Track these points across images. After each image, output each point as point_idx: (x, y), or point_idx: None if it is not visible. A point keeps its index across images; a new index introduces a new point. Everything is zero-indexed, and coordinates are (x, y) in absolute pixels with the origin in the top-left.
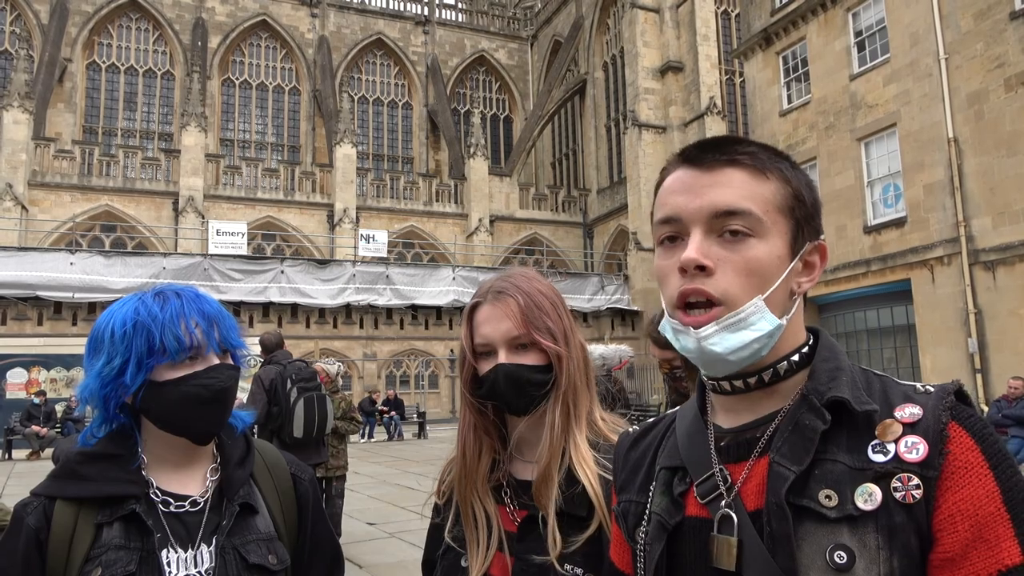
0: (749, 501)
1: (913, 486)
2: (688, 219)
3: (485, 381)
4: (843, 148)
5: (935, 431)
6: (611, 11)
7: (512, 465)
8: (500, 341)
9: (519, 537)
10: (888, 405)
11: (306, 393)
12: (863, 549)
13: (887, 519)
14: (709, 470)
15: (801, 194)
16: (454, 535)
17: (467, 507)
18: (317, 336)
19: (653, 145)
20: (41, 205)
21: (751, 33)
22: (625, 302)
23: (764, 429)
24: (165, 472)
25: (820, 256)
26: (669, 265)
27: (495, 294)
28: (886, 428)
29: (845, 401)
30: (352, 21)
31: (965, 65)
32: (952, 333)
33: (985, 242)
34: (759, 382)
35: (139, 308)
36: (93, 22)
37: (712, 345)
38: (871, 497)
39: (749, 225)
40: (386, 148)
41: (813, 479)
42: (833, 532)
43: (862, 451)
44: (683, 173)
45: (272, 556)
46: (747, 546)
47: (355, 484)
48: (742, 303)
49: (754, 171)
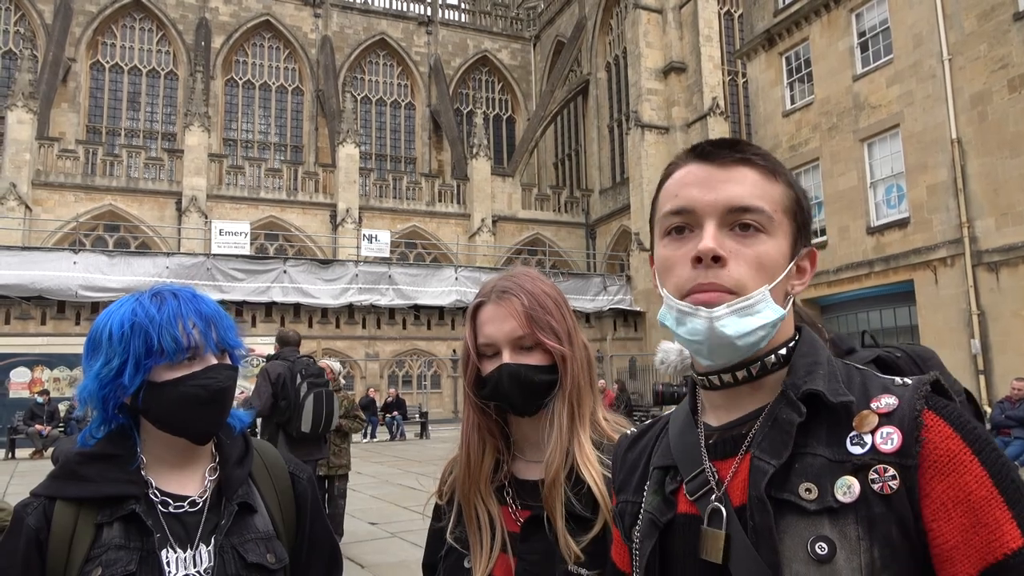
0: (735, 497)
1: (889, 477)
2: (702, 211)
3: (489, 381)
4: (846, 149)
5: (909, 419)
6: (614, 12)
7: (514, 465)
8: (504, 341)
9: (522, 537)
10: (866, 397)
11: (316, 388)
12: (843, 540)
13: (866, 510)
14: (698, 467)
15: (801, 201)
16: (456, 536)
17: (470, 508)
18: (320, 336)
19: (656, 146)
20: (45, 205)
21: (754, 34)
22: (628, 303)
23: (750, 426)
24: (164, 472)
25: (811, 262)
26: (678, 255)
27: (499, 293)
28: (863, 419)
29: (820, 393)
30: (355, 21)
31: (968, 66)
32: (955, 334)
33: (988, 243)
34: (747, 376)
35: (136, 309)
36: (97, 22)
37: (723, 327)
38: (850, 489)
39: (760, 221)
40: (389, 148)
41: (794, 472)
42: (814, 524)
43: (841, 444)
44: (696, 168)
45: (271, 555)
46: (735, 539)
47: (357, 484)
48: (752, 292)
49: (766, 172)
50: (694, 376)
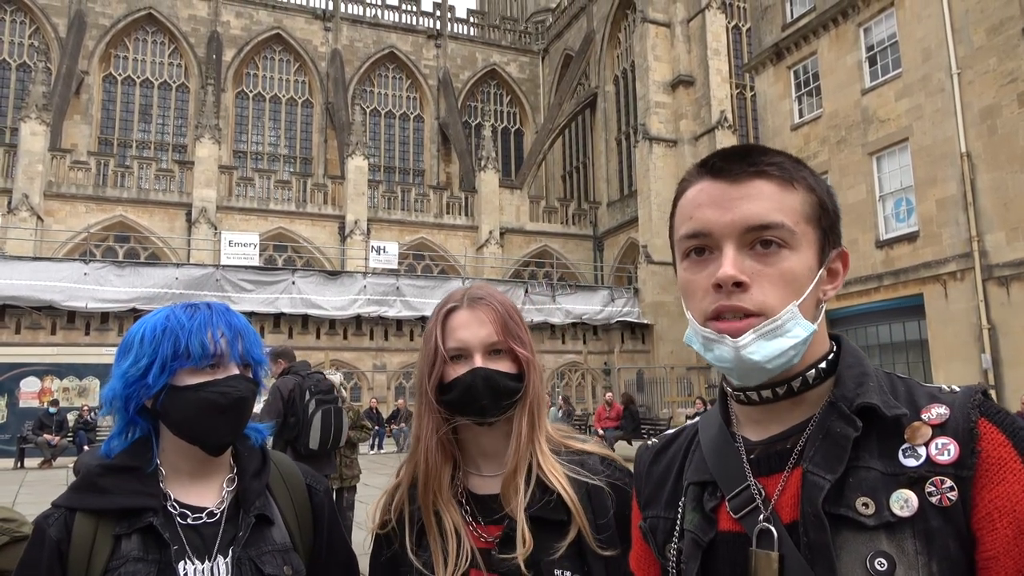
0: (785, 514)
1: (947, 488)
2: (719, 233)
3: (457, 385)
4: (855, 163)
5: (965, 430)
6: (622, 25)
7: (469, 481)
8: (478, 346)
9: (500, 551)
10: (915, 407)
11: (324, 405)
12: (902, 555)
13: (924, 524)
14: (742, 484)
15: (825, 203)
16: (424, 560)
17: (430, 517)
18: (327, 347)
19: (664, 159)
20: (56, 215)
21: (762, 47)
22: (635, 315)
23: (795, 440)
24: (182, 483)
25: (843, 263)
26: (699, 280)
27: (473, 300)
28: (915, 431)
29: (875, 407)
30: (365, 35)
31: (978, 80)
32: (965, 348)
33: (999, 257)
34: (788, 391)
35: (170, 316)
36: (110, 35)
37: (750, 354)
38: (907, 503)
39: (781, 237)
40: (397, 160)
41: (848, 487)
42: (872, 540)
43: (893, 456)
44: (709, 185)
45: (287, 567)
46: (788, 559)
47: (366, 495)
48: (778, 312)
49: (782, 182)
50: (726, 389)
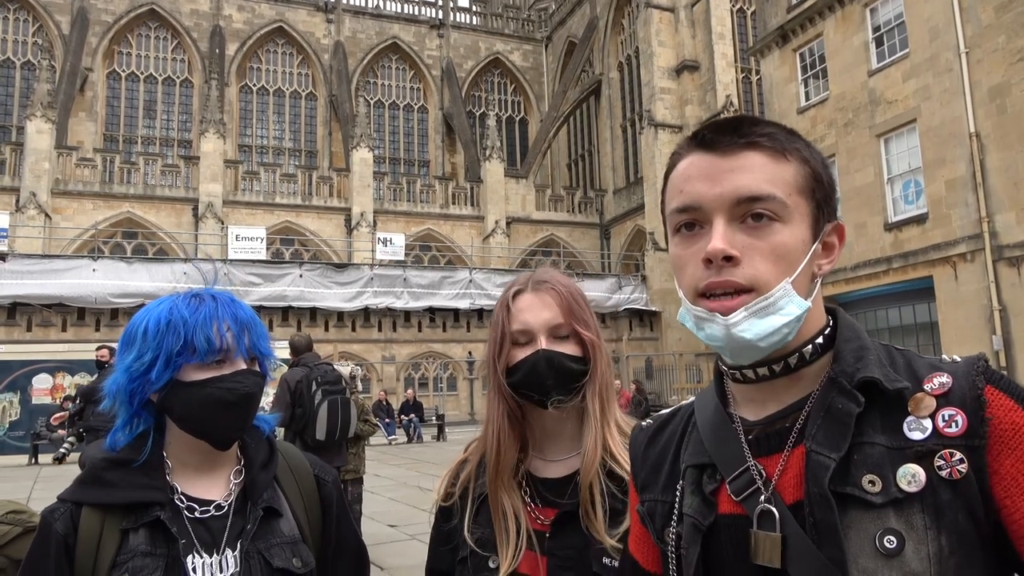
0: (787, 494)
1: (957, 461)
2: (709, 207)
3: (522, 367)
4: (862, 145)
5: (972, 398)
6: (626, 11)
7: (532, 464)
8: (541, 328)
9: (554, 533)
10: (916, 379)
11: (330, 396)
12: (910, 531)
13: (932, 498)
14: (741, 466)
15: (819, 174)
16: (478, 537)
17: (497, 496)
18: (336, 339)
19: (669, 144)
20: (64, 213)
21: (767, 31)
22: (643, 302)
23: (794, 418)
24: (189, 476)
25: (839, 236)
26: (689, 254)
27: (537, 283)
28: (918, 403)
29: (876, 381)
30: (367, 26)
31: (986, 59)
32: (976, 330)
33: (1009, 238)
34: (785, 368)
35: (173, 308)
36: (113, 31)
37: (742, 332)
38: (915, 478)
39: (773, 209)
40: (402, 152)
41: (853, 465)
42: (880, 517)
43: (898, 430)
44: (698, 158)
45: (296, 559)
46: (791, 540)
47: (375, 486)
48: (771, 288)
49: (774, 153)
50: (721, 367)
